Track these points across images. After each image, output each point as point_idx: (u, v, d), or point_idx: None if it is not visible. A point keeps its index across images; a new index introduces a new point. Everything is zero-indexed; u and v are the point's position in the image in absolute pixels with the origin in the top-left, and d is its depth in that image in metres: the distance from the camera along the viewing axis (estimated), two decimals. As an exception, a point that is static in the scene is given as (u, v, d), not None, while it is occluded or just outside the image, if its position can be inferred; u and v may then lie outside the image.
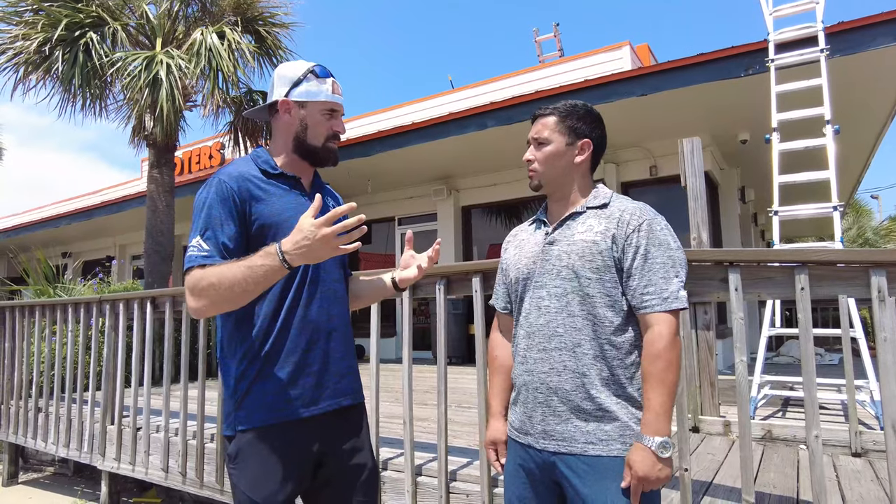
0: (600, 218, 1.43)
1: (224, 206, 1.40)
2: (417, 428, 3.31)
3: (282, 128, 1.56)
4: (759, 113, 5.21)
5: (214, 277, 1.31)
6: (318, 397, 1.48)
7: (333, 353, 1.52)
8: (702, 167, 3.43)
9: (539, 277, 1.45)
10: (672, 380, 1.31)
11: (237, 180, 1.44)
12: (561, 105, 1.52)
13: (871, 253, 1.82)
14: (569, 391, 1.38)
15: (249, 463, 1.42)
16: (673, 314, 1.34)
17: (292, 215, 1.42)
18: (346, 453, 1.55)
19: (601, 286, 1.38)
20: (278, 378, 1.44)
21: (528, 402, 1.44)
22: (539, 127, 1.53)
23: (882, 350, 1.71)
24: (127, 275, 13.43)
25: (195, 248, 1.37)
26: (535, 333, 1.44)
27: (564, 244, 1.43)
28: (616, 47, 8.36)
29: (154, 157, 7.31)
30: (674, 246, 1.38)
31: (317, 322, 1.49)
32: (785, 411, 3.99)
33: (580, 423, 1.36)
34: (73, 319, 4.36)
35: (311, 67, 1.54)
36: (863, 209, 25.20)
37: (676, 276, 1.36)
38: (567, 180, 1.50)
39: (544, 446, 1.40)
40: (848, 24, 4.82)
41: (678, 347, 1.33)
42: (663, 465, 1.28)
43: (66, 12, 6.63)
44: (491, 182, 8.75)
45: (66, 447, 4.32)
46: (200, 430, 3.31)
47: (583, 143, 1.49)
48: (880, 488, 2.41)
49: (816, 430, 1.78)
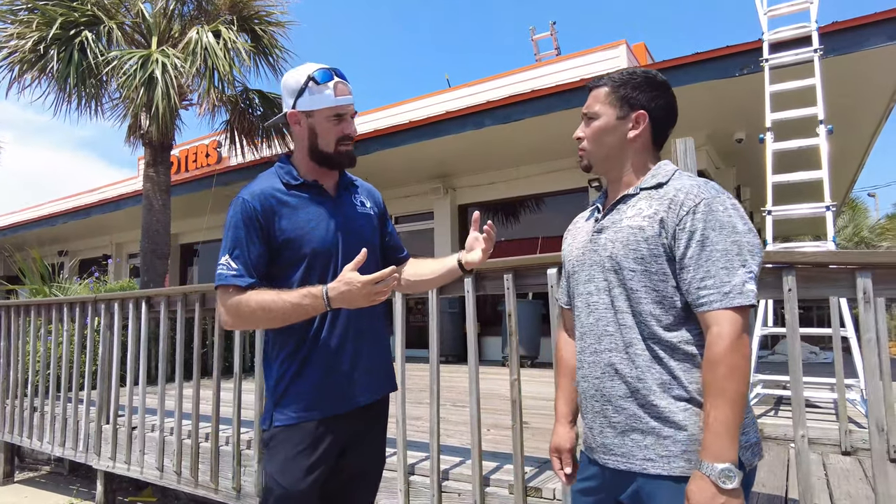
0: (652, 200, 1.23)
1: (249, 226, 1.49)
2: (412, 427, 3.32)
3: (297, 137, 1.62)
4: (754, 112, 5.22)
5: (256, 305, 1.44)
6: (350, 395, 1.57)
7: (367, 351, 1.61)
8: (695, 167, 3.43)
9: (588, 270, 1.29)
10: (735, 390, 1.06)
11: (259, 199, 1.51)
12: (616, 73, 1.33)
13: (857, 254, 1.83)
14: (622, 398, 1.21)
15: (280, 450, 1.52)
16: (736, 311, 1.10)
17: (314, 226, 1.54)
18: (367, 447, 1.67)
19: (646, 279, 1.19)
20: (313, 379, 1.53)
21: (587, 412, 1.30)
22: (590, 100, 1.33)
23: (867, 350, 1.72)
24: (123, 273, 13.42)
25: (224, 266, 1.48)
26: (586, 334, 1.30)
27: (612, 231, 1.26)
28: (613, 46, 8.37)
29: (150, 155, 7.30)
30: (742, 229, 1.14)
31: (349, 322, 1.57)
32: (777, 410, 4.01)
33: (637, 437, 1.18)
34: (68, 319, 4.37)
35: (311, 74, 1.54)
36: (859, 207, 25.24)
37: (743, 265, 1.12)
38: (621, 158, 1.30)
39: (605, 462, 1.25)
40: (842, 24, 4.83)
41: (744, 351, 1.09)
42: (727, 499, 1.04)
43: (62, 11, 6.62)
44: (488, 181, 8.76)
45: (62, 446, 4.32)
46: (195, 429, 3.32)
47: (637, 115, 1.29)
48: (868, 486, 2.43)
49: (803, 430, 1.80)
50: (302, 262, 1.53)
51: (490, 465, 2.55)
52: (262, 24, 7.54)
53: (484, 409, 2.60)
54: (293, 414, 1.53)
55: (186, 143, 12.65)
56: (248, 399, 3.11)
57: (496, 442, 2.98)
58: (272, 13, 7.60)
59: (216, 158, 12.02)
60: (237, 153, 7.91)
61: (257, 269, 1.49)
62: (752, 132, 6.51)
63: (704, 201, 1.16)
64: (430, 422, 2.51)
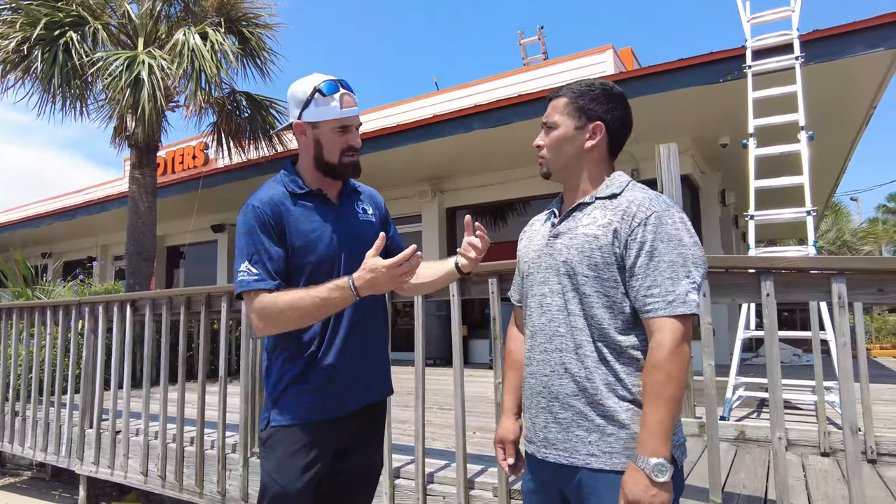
0: (606, 210, 1.29)
1: (265, 231, 1.51)
2: (397, 430, 3.33)
3: (302, 147, 1.63)
4: (738, 118, 5.30)
5: (285, 305, 1.44)
6: (348, 398, 1.59)
7: (367, 355, 1.63)
8: (678, 172, 3.48)
9: (543, 272, 1.35)
10: (670, 395, 1.14)
11: (270, 205, 1.53)
12: (575, 84, 1.38)
13: (832, 260, 1.88)
14: (570, 396, 1.27)
15: (277, 449, 1.54)
16: (679, 320, 1.17)
17: (319, 235, 1.57)
18: (366, 449, 1.69)
19: (599, 285, 1.25)
20: (313, 381, 1.55)
21: (532, 407, 1.35)
22: (550, 110, 1.39)
23: (841, 354, 1.76)
24: (109, 276, 13.29)
25: (244, 272, 1.49)
26: (537, 333, 1.35)
27: (567, 238, 1.32)
28: (600, 50, 8.44)
29: (136, 157, 7.25)
30: (687, 242, 1.21)
31: (352, 325, 1.59)
32: (760, 412, 4.06)
33: (582, 434, 1.25)
34: (51, 322, 4.32)
35: (318, 86, 1.55)
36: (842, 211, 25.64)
37: (687, 276, 1.19)
38: (577, 168, 1.36)
39: (545, 455, 1.31)
40: (823, 33, 4.92)
41: (682, 359, 1.17)
42: (658, 491, 1.12)
43: (46, 11, 6.57)
44: (476, 184, 8.79)
45: (44, 451, 4.28)
46: (180, 433, 3.30)
47: (594, 126, 1.34)
48: (845, 487, 2.47)
49: (780, 432, 1.83)
50: (305, 270, 1.55)
51: (475, 468, 2.57)
52: (249, 27, 7.54)
53: (470, 412, 2.62)
54: (290, 415, 1.54)
55: (173, 144, 12.56)
56: (233, 402, 3.10)
57: (482, 445, 3.00)
58: (260, 15, 7.61)
59: (203, 160, 11.95)
60: (224, 155, 7.88)
61: (279, 272, 1.50)
62: (737, 137, 6.60)
63: (655, 214, 1.22)
64: (415, 425, 2.52)
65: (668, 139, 3.76)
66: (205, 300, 3.26)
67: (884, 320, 15.47)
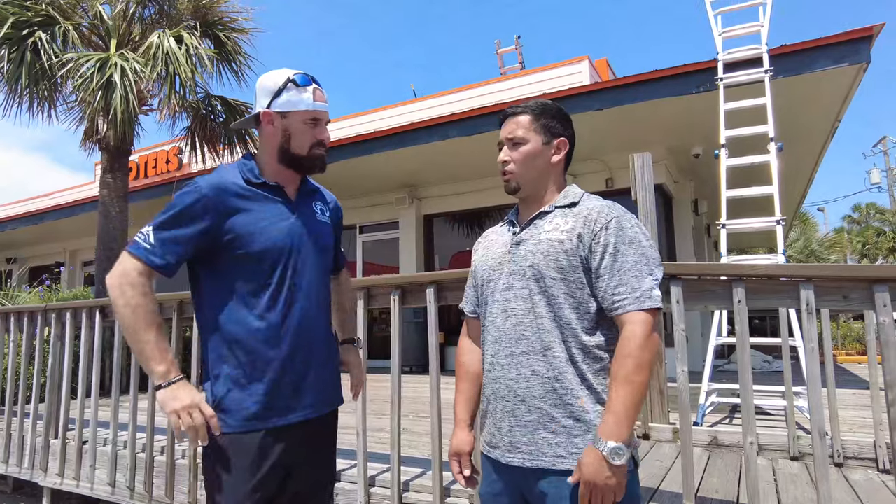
0: (567, 217, 1.35)
1: (189, 213, 1.43)
2: (373, 438, 3.30)
3: (266, 138, 1.56)
4: (710, 129, 5.42)
5: (137, 305, 1.39)
6: (295, 406, 1.49)
7: (314, 362, 1.54)
8: (652, 181, 3.55)
9: (507, 279, 1.37)
10: (641, 382, 1.19)
11: (215, 190, 1.45)
12: (532, 103, 1.45)
13: (800, 268, 1.92)
14: (537, 398, 1.28)
15: (221, 467, 1.43)
16: (647, 313, 1.24)
17: (268, 225, 1.49)
18: (314, 465, 1.58)
19: (566, 287, 1.30)
20: (256, 386, 1.45)
21: (497, 412, 1.35)
22: (512, 126, 1.44)
23: (809, 360, 1.80)
24: (78, 282, 12.95)
25: (144, 237, 1.43)
26: (502, 337, 1.35)
27: (531, 244, 1.36)
28: (576, 61, 8.57)
29: (107, 161, 7.10)
30: (646, 244, 1.30)
31: (298, 330, 1.50)
32: (732, 418, 4.13)
33: (548, 436, 1.27)
34: (15, 329, 4.19)
35: (292, 77, 1.53)
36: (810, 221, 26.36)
37: (650, 274, 1.27)
38: (544, 181, 1.42)
39: (509, 460, 1.31)
40: (790, 48, 5.07)
41: (653, 348, 1.22)
42: (612, 474, 1.16)
43: (13, 10, 6.40)
44: (453, 191, 8.81)
45: (6, 463, 4.13)
46: (150, 442, 3.22)
47: (559, 142, 1.43)
48: (814, 490, 2.52)
49: (752, 437, 1.86)
50: (250, 261, 1.46)
51: (451, 476, 2.55)
52: (226, 31, 7.45)
53: (446, 420, 2.60)
54: (232, 422, 1.43)
55: (146, 148, 12.36)
56: (205, 411, 3.03)
57: (458, 452, 2.98)
58: (236, 20, 7.52)
59: (177, 165, 11.77)
60: (198, 160, 7.77)
61: (178, 256, 1.43)
62: (709, 147, 6.75)
63: (615, 219, 1.30)
64: (391, 433, 2.50)
65: (642, 149, 3.84)
66: (177, 306, 3.20)
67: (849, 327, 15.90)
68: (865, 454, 2.96)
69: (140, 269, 1.41)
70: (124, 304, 1.40)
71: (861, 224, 28.71)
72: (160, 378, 1.38)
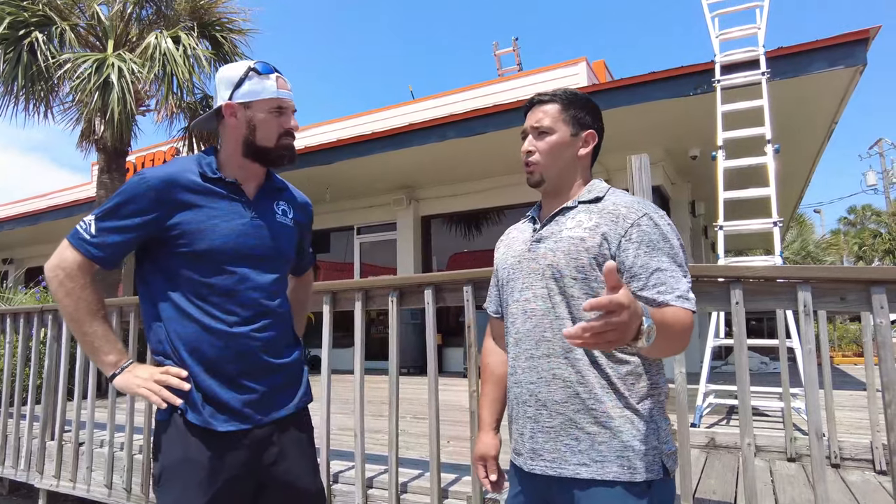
0: (591, 213, 1.27)
1: (133, 204, 1.37)
2: (371, 440, 3.29)
3: (229, 132, 1.48)
4: (708, 130, 5.44)
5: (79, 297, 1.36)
6: (248, 411, 1.40)
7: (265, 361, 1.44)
8: (650, 183, 3.53)
9: (526, 278, 1.30)
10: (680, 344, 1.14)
11: (164, 183, 1.38)
12: (561, 92, 1.36)
13: (798, 269, 1.93)
14: (559, 402, 1.21)
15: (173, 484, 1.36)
16: (689, 312, 1.16)
17: (217, 224, 1.40)
18: (288, 475, 1.46)
19: (586, 287, 1.21)
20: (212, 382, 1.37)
21: (519, 417, 1.29)
22: (539, 115, 1.35)
23: (806, 362, 1.81)
24: (74, 283, 12.89)
25: (85, 227, 1.38)
26: (522, 340, 1.29)
27: (552, 241, 1.28)
28: (573, 63, 8.58)
29: (104, 161, 7.09)
30: (676, 244, 1.23)
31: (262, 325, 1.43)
32: (729, 419, 4.13)
33: (571, 442, 1.19)
34: (11, 330, 4.18)
35: (252, 65, 1.46)
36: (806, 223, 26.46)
37: (685, 276, 1.20)
38: (569, 175, 1.34)
39: (531, 468, 1.24)
40: (787, 50, 5.09)
41: (686, 339, 1.15)
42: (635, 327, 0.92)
43: (10, 10, 6.39)
44: (451, 192, 8.82)
45: (2, 465, 4.11)
46: (147, 443, 3.21)
47: (587, 135, 1.34)
48: (811, 491, 2.53)
49: (749, 438, 1.87)
50: (197, 259, 1.39)
51: (449, 478, 2.55)
52: (223, 31, 7.45)
53: (444, 421, 2.61)
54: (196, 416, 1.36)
55: (143, 149, 12.32)
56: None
57: (456, 454, 2.98)
58: (234, 20, 7.53)
59: (174, 165, 11.73)
60: (196, 161, 7.75)
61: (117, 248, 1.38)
62: (706, 149, 6.76)
63: (647, 215, 1.22)
64: (389, 434, 2.50)
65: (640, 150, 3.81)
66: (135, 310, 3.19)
67: (845, 328, 15.94)
68: (862, 455, 2.97)
69: (79, 260, 1.37)
70: (65, 295, 1.37)
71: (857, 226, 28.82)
72: (111, 367, 1.38)
